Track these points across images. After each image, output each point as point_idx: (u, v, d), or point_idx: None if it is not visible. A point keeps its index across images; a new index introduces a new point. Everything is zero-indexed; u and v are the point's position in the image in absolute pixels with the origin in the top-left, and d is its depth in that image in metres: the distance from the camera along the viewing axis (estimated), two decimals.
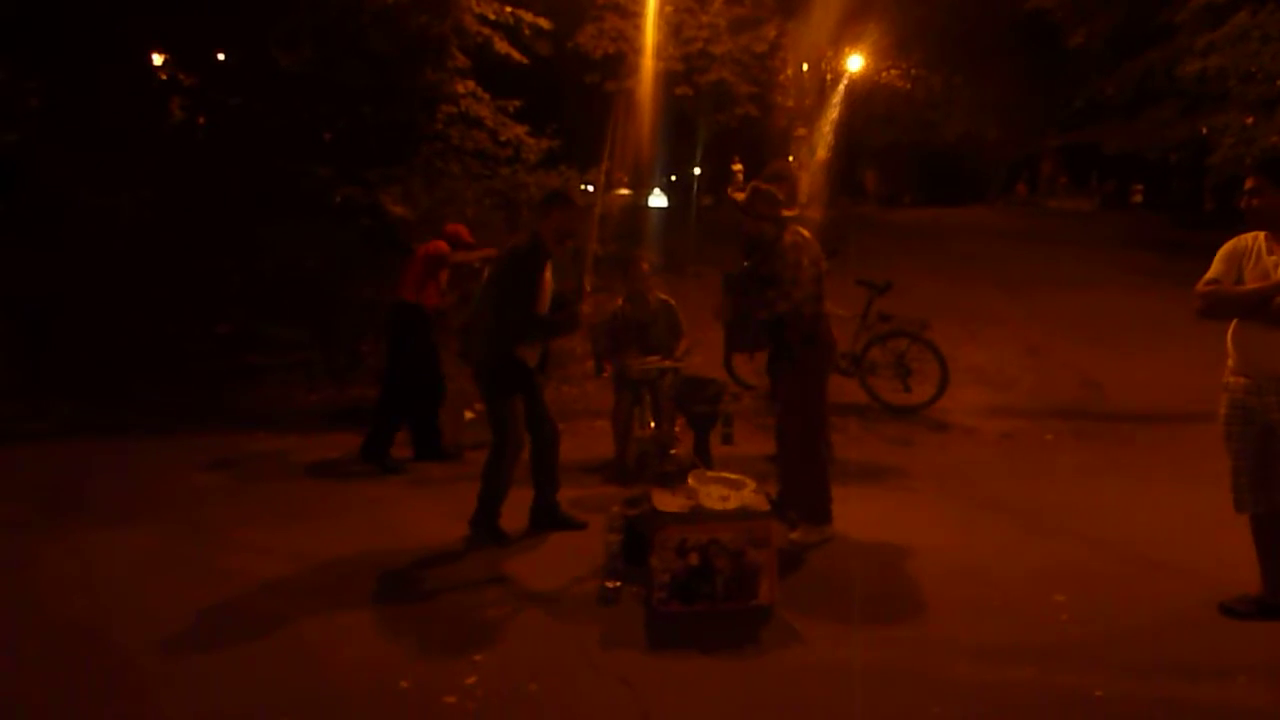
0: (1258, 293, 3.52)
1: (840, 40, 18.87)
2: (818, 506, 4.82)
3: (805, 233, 4.89)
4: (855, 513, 5.05)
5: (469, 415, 6.79)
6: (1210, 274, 3.70)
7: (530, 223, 4.91)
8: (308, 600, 4.10)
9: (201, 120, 10.95)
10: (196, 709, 3.24)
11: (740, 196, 5.65)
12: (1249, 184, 3.61)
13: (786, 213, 4.93)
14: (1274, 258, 3.55)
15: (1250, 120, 13.31)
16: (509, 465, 4.82)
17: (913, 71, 23.36)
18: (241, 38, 10.12)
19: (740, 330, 4.93)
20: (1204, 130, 15.95)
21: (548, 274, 4.83)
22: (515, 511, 4.92)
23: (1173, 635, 3.64)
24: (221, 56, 10.74)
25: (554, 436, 5.01)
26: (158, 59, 10.71)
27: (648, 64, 15.46)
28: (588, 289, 5.64)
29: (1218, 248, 3.74)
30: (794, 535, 4.83)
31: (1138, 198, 27.46)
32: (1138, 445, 6.79)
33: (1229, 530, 4.01)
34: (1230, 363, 3.73)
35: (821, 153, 19.01)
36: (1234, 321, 3.67)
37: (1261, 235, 3.62)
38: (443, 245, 6.41)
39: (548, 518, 5.00)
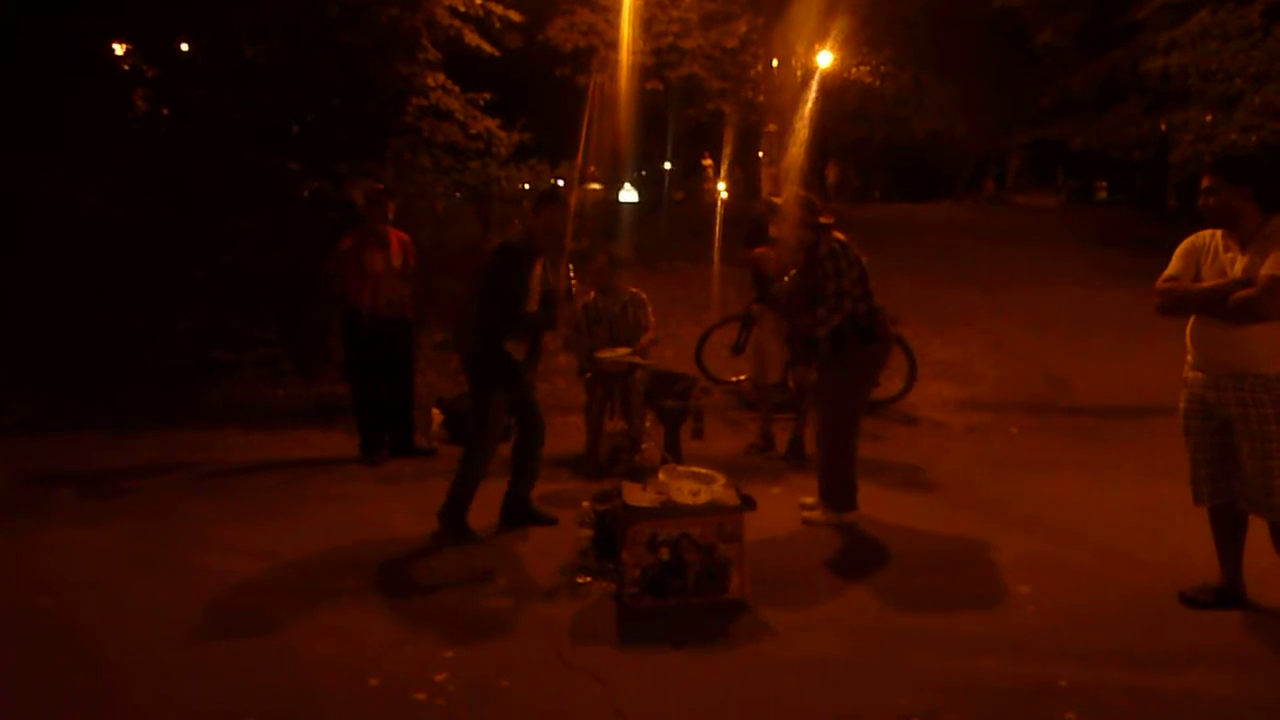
0: (1214, 290, 3.59)
1: (811, 36, 18.91)
2: (842, 495, 4.94)
3: (841, 236, 5.00)
4: None
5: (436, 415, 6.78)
6: (1169, 271, 3.76)
7: (523, 220, 4.97)
8: (276, 597, 4.07)
9: (165, 112, 10.78)
10: (163, 707, 3.21)
11: (778, 201, 5.73)
12: (1205, 183, 3.67)
13: (824, 219, 5.02)
14: (1230, 255, 3.62)
15: (1209, 118, 13.57)
16: (485, 458, 4.82)
17: (882, 68, 23.51)
18: (206, 28, 9.96)
19: (804, 348, 5.02)
20: (1165, 127, 16.23)
21: (539, 270, 4.86)
22: (487, 506, 4.91)
23: (1135, 625, 3.71)
24: (185, 47, 10.57)
25: (540, 430, 5.01)
26: (119, 49, 10.52)
27: (618, 58, 15.45)
28: (577, 288, 5.70)
29: (1180, 243, 3.82)
30: (811, 514, 4.97)
31: (1102, 194, 27.88)
32: (1101, 439, 6.89)
33: (1189, 522, 4.08)
34: (1189, 358, 3.80)
35: (794, 148, 19.08)
36: (1192, 318, 3.74)
37: (1218, 233, 3.69)
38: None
39: (519, 512, 4.99)
